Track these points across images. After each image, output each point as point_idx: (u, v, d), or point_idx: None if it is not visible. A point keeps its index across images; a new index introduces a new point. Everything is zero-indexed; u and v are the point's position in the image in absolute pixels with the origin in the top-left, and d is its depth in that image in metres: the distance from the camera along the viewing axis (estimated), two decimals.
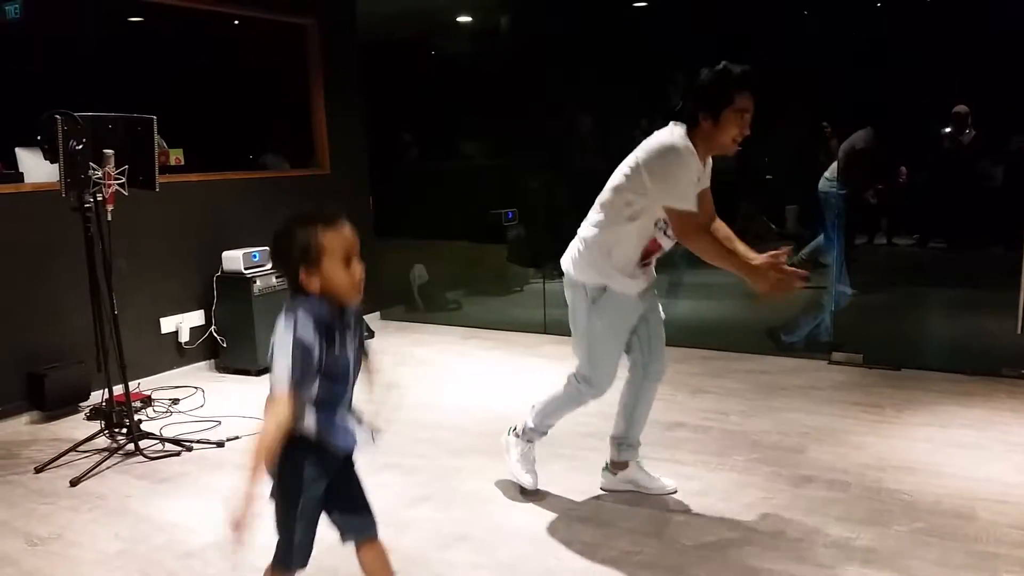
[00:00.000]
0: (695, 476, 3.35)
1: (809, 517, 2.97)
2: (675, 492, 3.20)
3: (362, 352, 2.07)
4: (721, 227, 3.03)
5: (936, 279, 6.74)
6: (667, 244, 2.94)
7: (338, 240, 1.93)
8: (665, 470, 3.34)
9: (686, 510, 3.05)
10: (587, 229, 2.98)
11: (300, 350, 1.84)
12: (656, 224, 2.87)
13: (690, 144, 2.77)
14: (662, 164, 2.75)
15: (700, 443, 3.74)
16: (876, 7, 6.23)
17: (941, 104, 6.55)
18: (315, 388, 1.93)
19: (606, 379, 3.03)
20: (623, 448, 3.22)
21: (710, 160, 2.94)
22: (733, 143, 2.77)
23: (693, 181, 2.78)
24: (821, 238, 5.83)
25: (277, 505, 2.03)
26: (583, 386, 3.06)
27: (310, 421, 1.97)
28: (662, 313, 3.15)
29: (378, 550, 2.18)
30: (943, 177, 7.03)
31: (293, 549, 2.05)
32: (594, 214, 2.97)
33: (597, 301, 2.94)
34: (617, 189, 2.88)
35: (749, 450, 3.63)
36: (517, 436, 3.27)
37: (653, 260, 3.03)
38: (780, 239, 8.02)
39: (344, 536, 2.15)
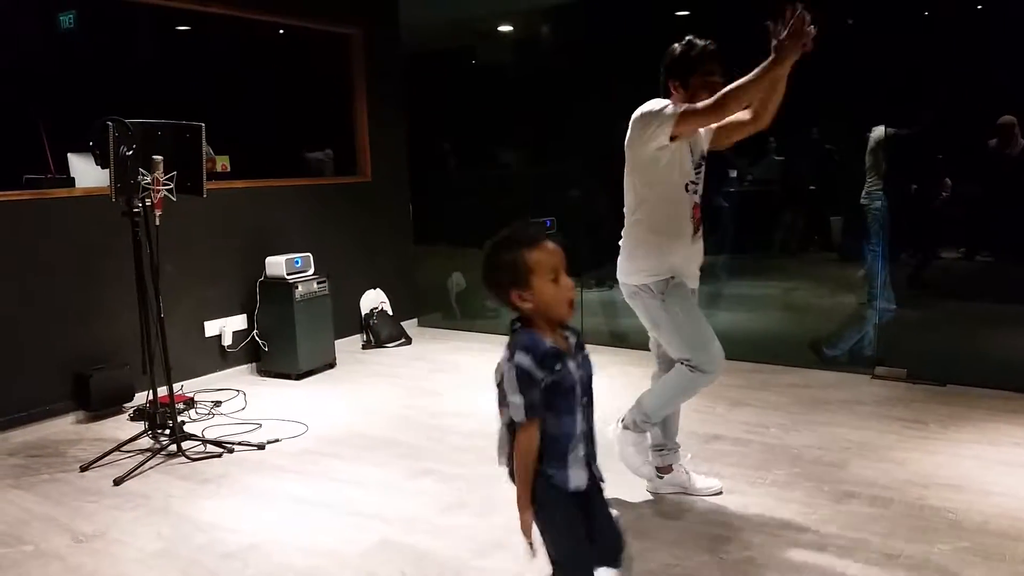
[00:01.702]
0: (735, 490, 3.31)
1: (850, 533, 2.92)
2: (720, 493, 3.24)
3: (591, 382, 1.98)
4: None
5: (983, 293, 6.59)
6: (697, 200, 3.07)
7: (544, 256, 1.90)
8: None
9: (726, 524, 3.02)
10: (626, 230, 3.10)
11: (524, 377, 1.83)
12: (686, 188, 3.01)
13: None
14: (641, 113, 2.96)
15: (740, 456, 3.70)
16: (924, 15, 6.13)
17: (988, 115, 6.42)
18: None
19: (714, 358, 3.03)
20: (664, 453, 3.25)
21: (700, 138, 3.08)
22: None
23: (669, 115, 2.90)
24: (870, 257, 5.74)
25: (548, 553, 1.96)
26: (696, 374, 3.03)
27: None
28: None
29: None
30: (990, 189, 6.88)
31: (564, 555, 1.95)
32: (627, 216, 3.09)
33: (666, 293, 3.00)
34: (627, 173, 3.05)
35: (790, 464, 3.58)
36: (628, 428, 3.22)
37: (698, 247, 3.12)
38: (823, 250, 7.93)
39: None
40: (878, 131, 5.76)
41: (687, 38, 3.00)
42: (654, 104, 2.95)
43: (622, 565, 2.11)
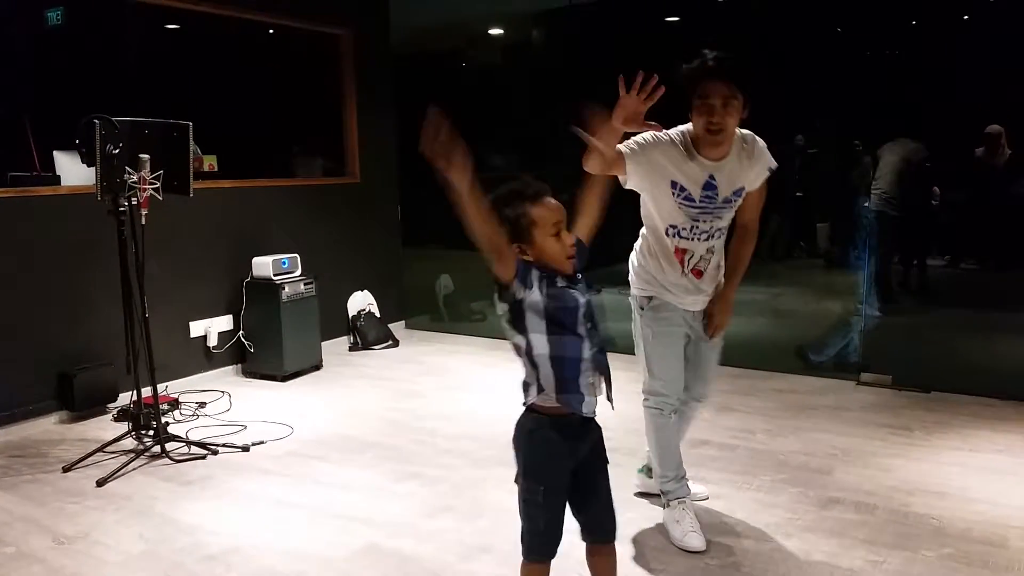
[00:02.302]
0: (720, 495, 3.32)
1: (835, 539, 2.92)
2: (707, 499, 3.21)
3: (595, 313, 2.07)
4: (740, 243, 2.96)
5: (968, 301, 6.64)
6: (696, 247, 2.82)
7: (547, 212, 1.97)
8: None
9: (711, 529, 3.02)
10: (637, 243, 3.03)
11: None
12: (667, 232, 2.82)
13: (674, 135, 2.72)
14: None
15: (726, 461, 3.71)
16: (911, 25, 6.18)
17: (974, 124, 6.47)
18: (545, 342, 1.97)
19: (666, 386, 2.95)
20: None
21: (751, 156, 2.76)
22: (705, 131, 2.64)
23: (644, 156, 2.68)
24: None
25: (521, 488, 2.03)
26: (650, 399, 2.98)
27: (547, 376, 1.98)
28: (720, 338, 3.02)
29: (610, 556, 2.18)
30: (976, 197, 6.94)
31: (539, 536, 2.03)
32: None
33: (644, 309, 2.95)
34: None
35: (775, 470, 3.59)
36: (665, 507, 3.05)
37: (694, 268, 2.87)
38: (809, 257, 7.97)
39: (584, 534, 2.15)
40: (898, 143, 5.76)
41: (702, 54, 2.66)
42: (648, 135, 2.71)
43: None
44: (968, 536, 2.94)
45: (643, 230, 2.96)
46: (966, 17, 6.34)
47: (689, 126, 2.73)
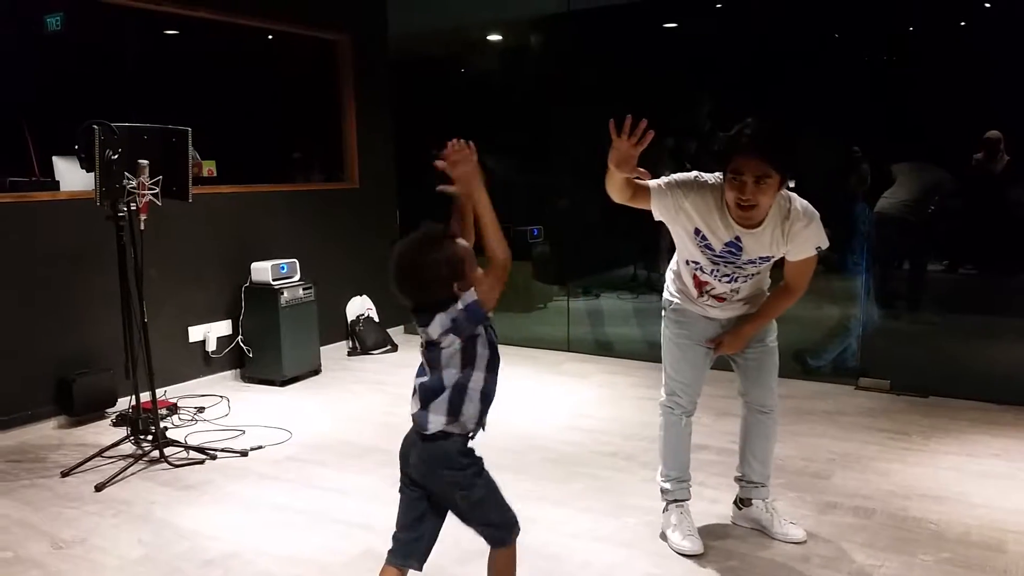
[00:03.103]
0: (719, 499, 3.32)
1: (833, 543, 2.93)
2: (804, 542, 2.94)
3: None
4: (778, 298, 2.87)
5: (966, 306, 6.65)
6: (716, 284, 2.77)
7: (468, 249, 2.07)
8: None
9: (709, 533, 3.02)
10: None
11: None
12: (687, 263, 2.80)
13: (711, 181, 2.65)
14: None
15: (725, 466, 3.70)
16: (908, 31, 6.20)
17: (973, 130, 6.49)
18: (482, 379, 2.09)
19: (679, 388, 2.95)
20: (744, 486, 3.09)
21: (786, 233, 2.64)
22: (735, 206, 2.54)
23: (676, 196, 2.63)
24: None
25: (480, 498, 2.12)
26: (665, 400, 3.01)
27: (472, 409, 2.09)
28: (772, 344, 2.98)
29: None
30: (974, 203, 6.95)
31: (513, 517, 2.17)
32: None
33: (666, 311, 3.00)
34: None
35: (774, 475, 3.57)
36: (664, 510, 3.06)
37: (714, 297, 2.82)
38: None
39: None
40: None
41: (746, 122, 2.51)
42: (689, 175, 2.68)
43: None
44: (966, 540, 2.94)
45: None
46: (963, 23, 6.37)
47: (724, 182, 2.60)
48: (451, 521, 3.17)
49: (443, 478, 2.10)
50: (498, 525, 2.16)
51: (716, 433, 4.15)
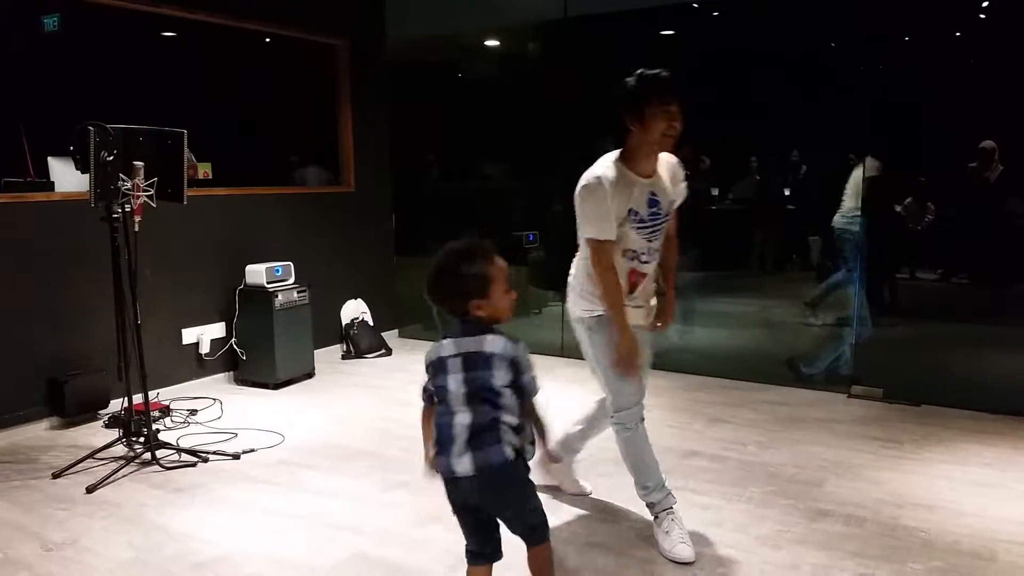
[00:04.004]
0: (711, 506, 3.33)
1: (824, 551, 2.93)
2: (590, 494, 3.41)
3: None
4: (669, 252, 3.08)
5: (959, 315, 6.66)
6: (648, 259, 2.96)
7: (501, 270, 2.15)
8: (680, 499, 3.30)
9: (701, 540, 3.02)
10: (576, 263, 3.07)
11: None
12: (624, 254, 2.91)
13: (610, 173, 2.82)
14: (578, 200, 2.87)
15: (716, 473, 3.71)
16: (904, 40, 6.23)
17: (968, 139, 6.51)
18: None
19: (631, 402, 2.99)
20: (563, 446, 3.36)
21: (673, 173, 2.99)
22: (665, 138, 2.81)
23: (608, 212, 2.81)
24: (839, 275, 5.85)
25: (516, 497, 2.23)
26: (618, 416, 3.01)
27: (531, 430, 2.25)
28: (651, 350, 3.15)
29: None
30: (968, 212, 6.97)
31: (544, 516, 2.28)
32: (580, 248, 3.02)
33: (593, 329, 2.97)
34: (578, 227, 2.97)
35: (766, 482, 3.60)
36: (654, 519, 3.07)
37: (643, 290, 3.01)
38: (802, 271, 8.00)
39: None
40: (867, 161, 5.86)
41: (638, 71, 2.86)
42: (590, 197, 2.83)
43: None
44: (957, 549, 2.95)
45: (582, 253, 2.97)
46: (958, 33, 6.40)
47: (614, 154, 2.89)
48: (444, 527, 3.17)
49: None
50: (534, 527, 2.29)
51: (708, 440, 4.15)
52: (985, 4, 5.98)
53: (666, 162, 2.99)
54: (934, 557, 2.88)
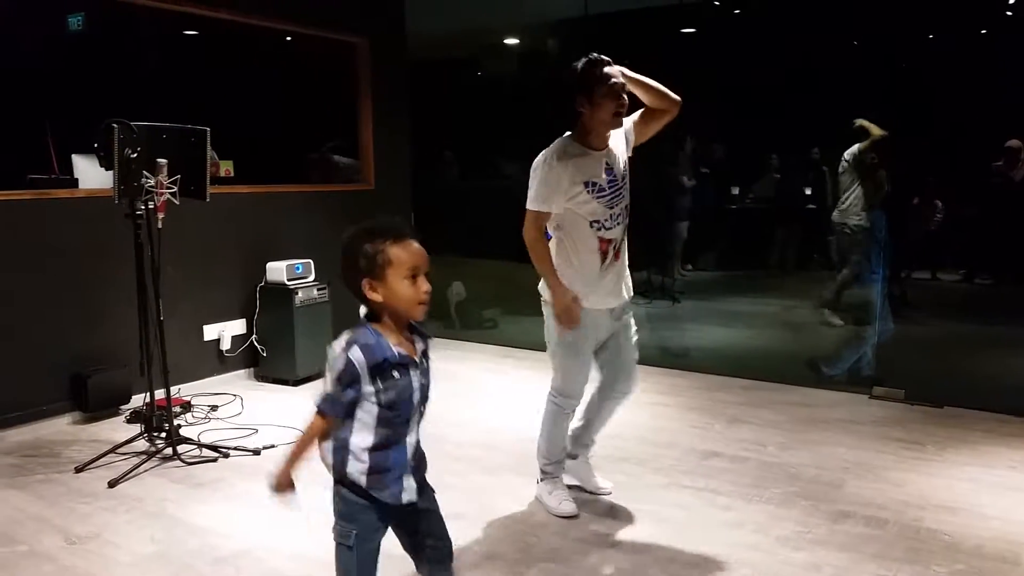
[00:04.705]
0: (731, 507, 3.31)
1: (845, 553, 2.91)
2: (610, 493, 3.39)
3: (428, 392, 2.05)
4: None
5: (982, 315, 6.59)
6: (614, 227, 3.08)
7: (406, 254, 1.93)
8: (700, 500, 3.31)
9: (721, 541, 3.01)
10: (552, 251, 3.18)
11: (348, 376, 1.89)
12: (591, 226, 3.04)
13: (563, 151, 3.02)
14: (531, 174, 3.09)
15: (736, 474, 3.69)
16: (928, 39, 6.17)
17: (995, 138, 6.44)
18: (367, 432, 1.97)
19: (577, 389, 3.20)
20: (574, 443, 3.40)
21: (622, 137, 3.12)
22: (615, 117, 2.98)
23: (553, 190, 2.99)
24: (846, 272, 5.82)
25: (337, 545, 2.07)
26: (559, 399, 3.21)
27: (359, 467, 2.00)
28: (634, 333, 3.27)
29: None
30: (993, 212, 6.90)
31: None
32: (553, 239, 3.16)
33: (551, 311, 3.11)
34: None
35: (787, 483, 3.57)
36: (540, 481, 3.33)
37: (613, 264, 3.11)
38: (822, 268, 7.95)
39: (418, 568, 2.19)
40: (852, 149, 5.87)
41: (588, 55, 3.02)
42: (538, 175, 3.05)
43: (450, 570, 2.21)
44: (980, 552, 2.92)
45: (555, 237, 3.13)
46: (984, 31, 6.32)
47: (566, 137, 3.08)
48: (464, 524, 3.17)
49: None
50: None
51: (728, 440, 4.13)
52: (1012, 1, 5.90)
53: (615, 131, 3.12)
54: (957, 560, 2.85)
